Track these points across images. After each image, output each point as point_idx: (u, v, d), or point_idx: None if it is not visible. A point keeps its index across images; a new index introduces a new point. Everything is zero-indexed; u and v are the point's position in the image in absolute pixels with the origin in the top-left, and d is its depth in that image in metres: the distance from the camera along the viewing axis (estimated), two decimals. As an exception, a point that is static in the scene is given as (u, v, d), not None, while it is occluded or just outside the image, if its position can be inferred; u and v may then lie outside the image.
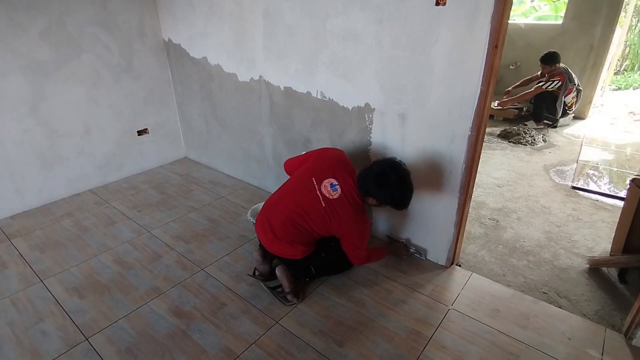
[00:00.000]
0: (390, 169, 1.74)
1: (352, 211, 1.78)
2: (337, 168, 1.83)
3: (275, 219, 1.86)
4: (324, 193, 1.78)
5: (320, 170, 1.83)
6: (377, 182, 1.73)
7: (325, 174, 1.81)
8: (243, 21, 2.49)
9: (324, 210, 1.78)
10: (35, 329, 1.77)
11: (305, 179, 1.85)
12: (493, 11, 1.51)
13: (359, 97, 2.09)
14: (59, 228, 2.56)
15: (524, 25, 5.17)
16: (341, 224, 1.79)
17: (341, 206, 1.77)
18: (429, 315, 1.82)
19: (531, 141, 4.00)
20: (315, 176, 1.82)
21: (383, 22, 1.84)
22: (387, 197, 1.76)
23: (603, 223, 2.58)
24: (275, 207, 1.89)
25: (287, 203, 1.85)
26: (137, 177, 3.29)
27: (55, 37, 2.60)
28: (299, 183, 1.88)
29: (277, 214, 1.86)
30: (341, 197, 1.77)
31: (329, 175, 1.81)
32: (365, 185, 1.77)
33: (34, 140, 2.68)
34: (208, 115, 3.19)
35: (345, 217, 1.78)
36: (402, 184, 1.74)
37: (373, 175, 1.74)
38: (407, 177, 1.76)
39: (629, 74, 6.68)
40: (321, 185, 1.79)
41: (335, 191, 1.77)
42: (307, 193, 1.81)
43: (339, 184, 1.78)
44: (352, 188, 1.79)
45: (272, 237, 1.87)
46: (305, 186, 1.82)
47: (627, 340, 1.66)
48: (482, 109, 1.71)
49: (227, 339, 1.70)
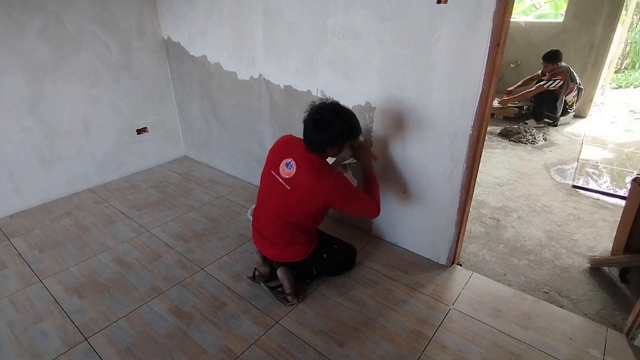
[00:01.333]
0: (320, 111, 1.66)
1: (313, 176, 1.66)
2: (285, 148, 1.79)
3: (265, 227, 1.87)
4: (283, 176, 1.73)
5: (274, 161, 1.80)
6: (319, 130, 1.64)
7: (279, 159, 1.77)
8: (243, 19, 2.48)
9: (290, 192, 1.71)
10: (35, 329, 1.76)
11: (267, 177, 1.83)
12: (495, 9, 1.50)
13: (360, 96, 2.08)
14: (58, 227, 2.55)
15: (524, 24, 5.15)
16: (312, 194, 1.68)
17: (301, 177, 1.68)
18: (430, 315, 1.81)
19: (532, 140, 3.99)
20: (273, 168, 1.79)
21: (384, 20, 1.82)
22: (338, 135, 1.65)
23: (604, 222, 2.57)
24: (261, 216, 1.89)
25: (267, 207, 1.84)
26: (136, 176, 3.27)
27: (53, 36, 2.58)
28: (265, 184, 1.86)
29: (264, 221, 1.87)
30: (298, 169, 1.69)
31: (283, 157, 1.76)
32: (312, 142, 1.69)
33: (33, 139, 2.67)
34: (208, 114, 3.18)
35: (309, 185, 1.67)
36: (338, 113, 1.67)
37: (311, 128, 1.66)
38: (338, 105, 1.70)
39: (630, 73, 6.66)
40: (279, 170, 1.75)
41: (291, 168, 1.71)
42: (273, 188, 1.78)
43: (292, 158, 1.72)
44: (304, 154, 1.71)
45: (269, 246, 1.87)
46: (270, 183, 1.80)
47: (629, 340, 1.65)
48: (484, 108, 1.70)
49: (227, 339, 1.69)
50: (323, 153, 1.72)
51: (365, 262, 2.16)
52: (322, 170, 1.69)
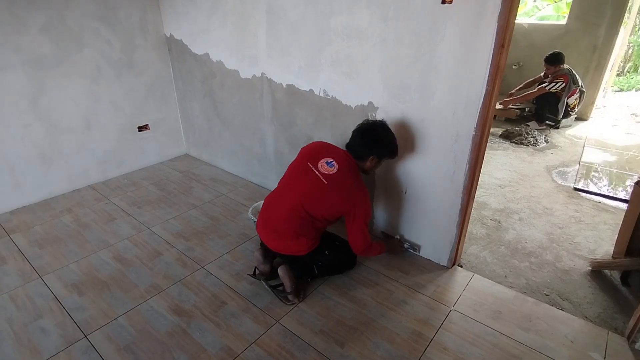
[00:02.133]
0: (372, 125, 1.85)
1: (355, 179, 1.81)
2: (325, 149, 1.90)
3: (278, 215, 1.85)
4: (322, 172, 1.80)
5: (312, 156, 1.87)
6: (369, 139, 1.83)
7: (318, 156, 1.85)
8: (246, 17, 2.47)
9: (327, 187, 1.78)
10: (34, 325, 1.76)
11: (300, 167, 1.87)
12: (500, 10, 1.50)
13: (363, 96, 2.08)
14: (58, 224, 2.54)
15: (527, 25, 5.15)
16: (346, 195, 1.79)
17: (343, 177, 1.79)
18: (431, 316, 1.80)
19: (533, 142, 3.98)
20: (310, 161, 1.85)
21: (388, 20, 1.82)
22: (383, 148, 1.85)
23: (605, 225, 2.57)
24: (278, 202, 1.88)
25: (290, 194, 1.84)
26: (137, 174, 3.27)
27: (55, 32, 2.57)
28: (296, 173, 1.89)
29: (280, 208, 1.86)
30: (340, 170, 1.80)
31: (322, 156, 1.85)
32: (357, 148, 1.85)
33: (34, 135, 2.66)
34: (209, 112, 3.17)
35: (348, 185, 1.79)
36: (387, 130, 1.85)
37: (360, 136, 1.84)
38: (387, 125, 1.87)
39: (632, 76, 6.66)
40: (318, 165, 1.82)
41: (332, 167, 1.80)
42: (306, 177, 1.82)
43: (333, 159, 1.82)
44: (346, 158, 1.84)
45: (275, 236, 1.86)
46: (303, 172, 1.84)
47: (629, 344, 1.65)
48: (487, 109, 1.69)
49: (228, 338, 1.69)
50: (363, 162, 1.86)
51: (366, 262, 2.16)
52: (361, 179, 1.86)
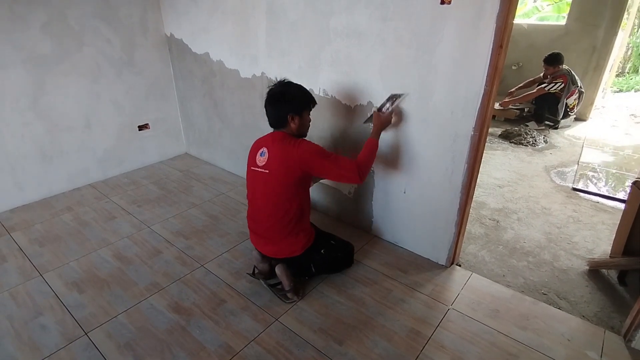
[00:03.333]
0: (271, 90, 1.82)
1: (285, 144, 1.76)
2: (257, 143, 1.90)
3: (260, 224, 1.89)
4: (260, 165, 1.82)
5: (251, 159, 1.89)
6: (274, 104, 1.79)
7: (253, 155, 1.87)
8: (246, 17, 2.48)
9: (272, 174, 1.78)
10: (35, 323, 1.77)
11: (249, 176, 1.90)
12: (499, 11, 1.51)
13: (362, 95, 2.09)
14: (58, 222, 2.55)
15: (526, 26, 5.16)
16: (285, 161, 1.74)
17: (275, 154, 1.77)
18: (429, 315, 1.81)
19: (532, 142, 3.99)
20: (251, 165, 1.88)
21: (387, 20, 1.83)
22: (291, 102, 1.79)
23: (603, 225, 2.58)
24: (254, 214, 1.92)
25: (257, 202, 1.88)
26: (137, 173, 3.28)
27: (56, 31, 2.58)
28: (249, 183, 1.92)
29: (258, 218, 1.89)
30: (270, 151, 1.79)
31: (256, 152, 1.86)
32: (273, 119, 1.83)
33: (35, 133, 2.67)
34: (209, 112, 3.18)
35: (280, 155, 1.76)
36: (287, 84, 1.83)
37: (268, 106, 1.81)
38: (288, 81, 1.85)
39: (631, 76, 6.68)
40: (256, 164, 1.84)
41: (264, 154, 1.81)
42: (257, 180, 1.85)
43: (263, 147, 1.83)
44: (272, 137, 1.83)
45: (266, 242, 1.89)
46: (253, 178, 1.87)
47: (626, 343, 1.66)
48: (485, 109, 1.70)
49: (227, 336, 1.70)
50: (287, 126, 1.81)
51: (365, 261, 2.17)
52: (288, 139, 1.79)
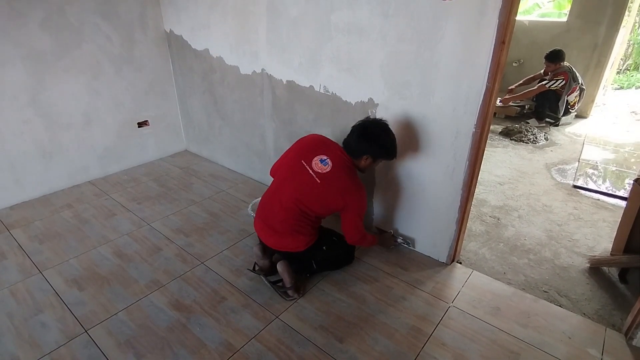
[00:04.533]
0: (371, 124, 1.81)
1: (348, 178, 1.79)
2: (321, 145, 1.86)
3: (274, 213, 1.86)
4: (316, 170, 1.78)
5: (305, 153, 1.84)
6: (365, 138, 1.77)
7: (311, 153, 1.82)
8: (246, 13, 2.47)
9: (320, 186, 1.76)
10: (35, 320, 1.76)
11: (294, 165, 1.84)
12: (501, 7, 1.49)
13: (363, 92, 2.08)
14: (58, 219, 2.54)
15: (528, 23, 5.14)
16: (341, 194, 1.77)
17: (336, 176, 1.77)
18: (430, 312, 1.81)
19: (533, 139, 3.98)
20: (303, 158, 1.82)
21: (389, 16, 1.81)
22: (378, 148, 1.79)
23: (604, 222, 2.58)
24: (274, 201, 1.88)
25: (285, 193, 1.83)
26: (137, 170, 3.27)
27: (55, 27, 2.56)
28: (289, 171, 1.86)
29: (276, 207, 1.85)
30: (334, 168, 1.77)
31: (316, 153, 1.81)
32: (353, 146, 1.80)
33: (34, 131, 2.66)
34: (209, 108, 3.17)
35: (342, 185, 1.77)
36: (386, 131, 1.81)
37: (357, 134, 1.79)
38: (387, 125, 1.83)
39: (632, 74, 6.66)
40: (311, 163, 1.79)
41: (326, 165, 1.78)
42: (300, 176, 1.80)
43: (327, 157, 1.79)
44: (341, 156, 1.81)
45: (272, 233, 1.87)
46: (297, 171, 1.82)
47: (627, 340, 1.66)
48: (487, 106, 1.69)
49: (227, 333, 1.70)
50: (357, 159, 1.82)
51: (366, 258, 2.17)
52: (356, 176, 1.82)
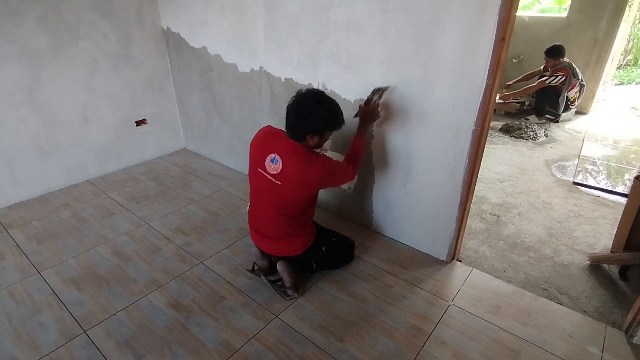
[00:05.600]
0: (303, 97, 1.66)
1: (302, 165, 1.65)
2: (268, 142, 1.74)
3: (262, 224, 1.86)
4: (271, 173, 1.69)
5: (258, 158, 1.75)
6: (300, 117, 1.63)
7: (262, 156, 1.73)
8: (244, 10, 2.44)
9: (283, 187, 1.69)
10: (33, 320, 1.76)
11: (255, 175, 1.78)
12: (501, 3, 1.48)
13: (362, 89, 2.06)
14: (56, 219, 2.53)
15: (528, 18, 5.10)
16: (306, 182, 1.67)
17: (291, 169, 1.66)
18: (430, 311, 1.81)
19: (533, 136, 3.97)
20: (258, 165, 1.74)
21: (388, 12, 1.79)
22: (317, 123, 1.63)
23: (604, 219, 2.57)
24: (257, 213, 1.87)
25: (261, 205, 1.82)
26: (135, 168, 3.25)
27: (52, 24, 2.54)
28: (254, 182, 1.82)
29: (261, 219, 1.86)
30: (285, 163, 1.66)
31: (265, 153, 1.71)
32: (294, 130, 1.67)
33: (31, 129, 2.64)
34: (208, 106, 3.15)
35: (301, 175, 1.66)
36: (320, 101, 1.65)
37: (292, 115, 1.66)
38: (322, 94, 1.69)
39: (632, 69, 6.63)
40: (265, 167, 1.71)
41: (277, 163, 1.67)
42: (263, 185, 1.74)
43: (275, 153, 1.68)
44: (287, 146, 1.68)
45: (267, 241, 1.87)
46: (258, 180, 1.76)
47: (627, 338, 1.66)
48: (487, 103, 1.68)
49: (227, 333, 1.69)
50: (304, 141, 1.68)
51: (365, 257, 2.16)
52: (308, 158, 1.67)
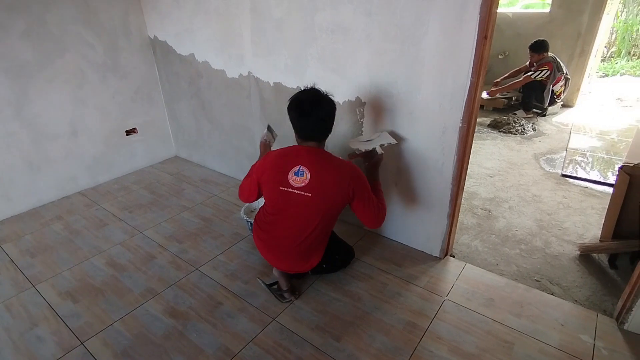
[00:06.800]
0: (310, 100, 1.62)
1: (331, 167, 1.62)
2: (284, 160, 1.67)
3: (283, 246, 1.76)
4: (298, 187, 1.62)
5: (278, 176, 1.65)
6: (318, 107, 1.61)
7: (283, 173, 1.64)
8: (230, 16, 2.46)
9: (314, 198, 1.61)
10: (30, 334, 1.75)
11: (277, 196, 1.67)
12: (482, 1, 1.51)
13: (350, 91, 2.08)
14: (49, 232, 2.52)
15: (511, 15, 5.18)
16: (339, 184, 1.61)
17: (319, 177, 1.60)
18: (425, 307, 1.83)
19: (521, 130, 4.03)
20: (281, 184, 1.65)
21: (372, 14, 1.82)
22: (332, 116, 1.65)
23: (592, 210, 2.62)
24: (278, 233, 1.75)
25: (287, 226, 1.71)
26: (127, 178, 3.24)
27: (37, 37, 2.53)
28: (276, 200, 1.70)
29: (283, 239, 1.74)
30: (312, 172, 1.61)
31: (287, 169, 1.64)
32: (315, 135, 1.66)
33: (20, 143, 2.62)
34: (198, 113, 3.16)
35: (332, 177, 1.61)
36: (320, 94, 1.64)
37: (311, 119, 1.62)
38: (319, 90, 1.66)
39: (616, 61, 6.75)
40: (290, 183, 1.63)
41: (303, 174, 1.61)
42: (291, 203, 1.65)
43: (298, 165, 1.62)
44: (307, 154, 1.63)
45: (283, 259, 1.80)
46: (284, 200, 1.66)
47: (618, 325, 1.69)
48: (473, 100, 1.71)
49: (225, 338, 1.70)
50: (323, 140, 1.70)
51: (360, 256, 2.18)
52: (335, 158, 1.67)
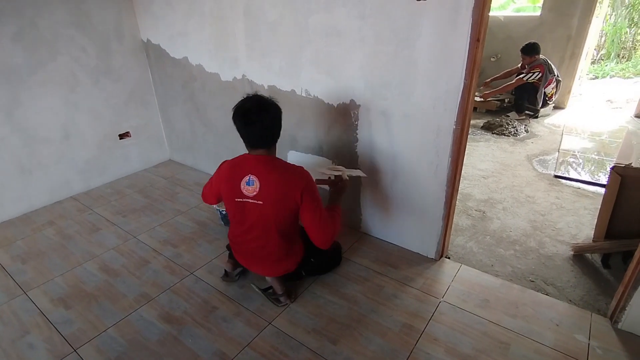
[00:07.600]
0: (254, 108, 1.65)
1: (281, 170, 1.66)
2: (236, 170, 1.71)
3: (253, 252, 1.80)
4: (250, 195, 1.66)
5: (232, 189, 1.70)
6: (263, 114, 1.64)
7: (235, 184, 1.68)
8: (224, 19, 2.45)
9: (266, 204, 1.64)
10: (22, 342, 1.72)
11: (235, 207, 1.72)
12: (474, 5, 1.52)
13: (344, 94, 2.09)
14: (40, 237, 2.48)
15: (503, 18, 5.24)
16: (285, 190, 1.63)
17: (269, 182, 1.63)
18: (421, 309, 1.83)
19: (514, 132, 4.06)
20: (235, 196, 1.69)
21: (365, 17, 1.83)
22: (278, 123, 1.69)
23: (585, 210, 2.64)
24: (245, 241, 1.80)
25: (252, 233, 1.75)
26: (120, 182, 3.22)
27: (28, 40, 2.51)
28: (237, 215, 1.75)
29: (251, 246, 1.79)
30: (261, 181, 1.64)
31: (237, 181, 1.68)
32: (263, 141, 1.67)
33: (11, 147, 2.59)
34: (192, 116, 3.14)
35: (283, 178, 1.63)
36: (267, 103, 1.67)
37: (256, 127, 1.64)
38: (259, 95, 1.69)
39: (606, 63, 6.85)
40: (242, 194, 1.67)
41: (253, 183, 1.64)
42: (248, 212, 1.70)
43: (248, 174, 1.66)
44: (256, 162, 1.66)
45: (257, 265, 1.84)
46: (242, 211, 1.71)
47: (612, 324, 1.70)
48: (466, 102, 1.72)
49: (220, 343, 1.68)
50: (272, 146, 1.71)
51: (355, 258, 2.17)
52: (284, 163, 1.70)
